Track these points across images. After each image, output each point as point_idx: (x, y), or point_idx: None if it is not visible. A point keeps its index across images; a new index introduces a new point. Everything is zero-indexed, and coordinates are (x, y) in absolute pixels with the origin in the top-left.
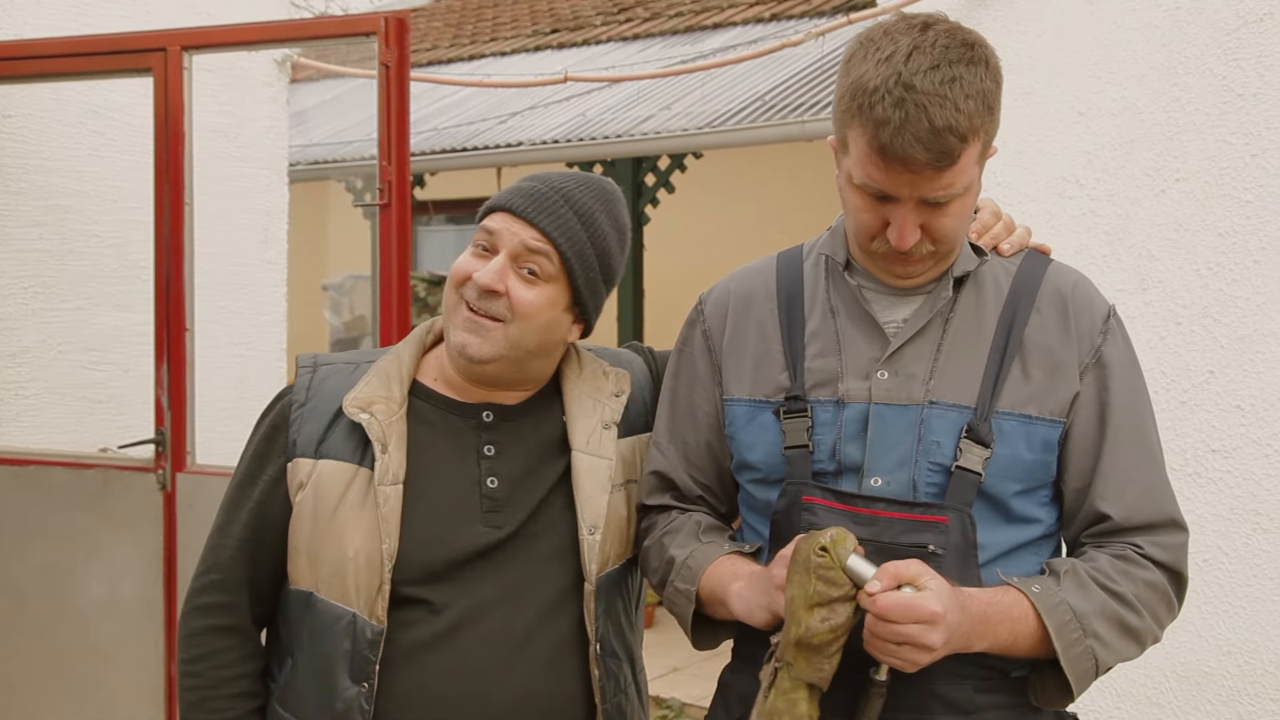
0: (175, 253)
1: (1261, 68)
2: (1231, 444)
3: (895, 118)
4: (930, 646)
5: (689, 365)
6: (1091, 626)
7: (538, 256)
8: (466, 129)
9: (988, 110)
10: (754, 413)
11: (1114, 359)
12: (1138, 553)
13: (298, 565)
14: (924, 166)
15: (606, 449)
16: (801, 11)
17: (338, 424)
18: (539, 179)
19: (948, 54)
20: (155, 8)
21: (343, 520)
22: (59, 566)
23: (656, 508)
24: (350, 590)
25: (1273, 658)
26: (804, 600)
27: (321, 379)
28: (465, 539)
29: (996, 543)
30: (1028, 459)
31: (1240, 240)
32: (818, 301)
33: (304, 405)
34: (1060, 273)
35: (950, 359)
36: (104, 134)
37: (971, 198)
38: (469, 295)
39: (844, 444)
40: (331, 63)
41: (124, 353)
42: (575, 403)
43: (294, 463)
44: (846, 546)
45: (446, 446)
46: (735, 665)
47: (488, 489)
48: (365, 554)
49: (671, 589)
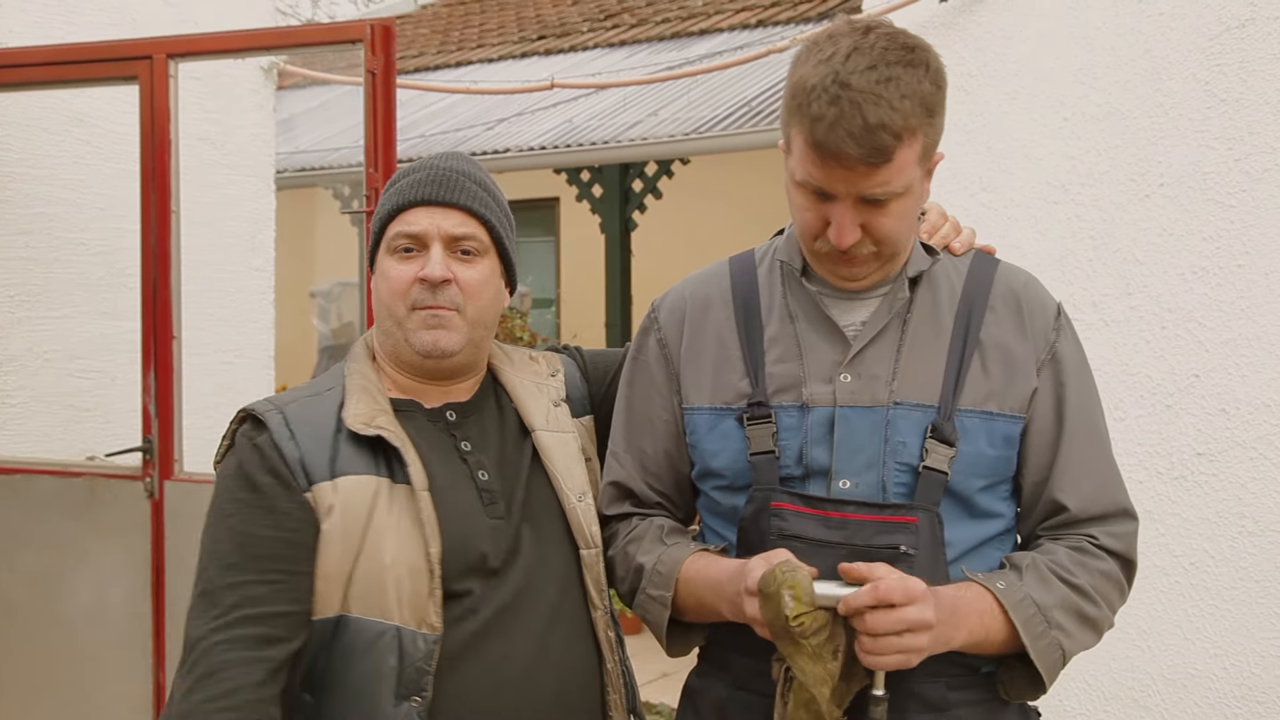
0: (162, 260)
1: (1244, 73)
2: (1217, 447)
3: (830, 114)
4: (928, 623)
5: (644, 373)
6: (1055, 619)
7: (469, 235)
8: (453, 136)
9: (925, 112)
10: (716, 420)
11: (1067, 355)
12: (1093, 543)
13: (323, 593)
14: (857, 162)
15: (565, 424)
16: (787, 18)
17: (340, 444)
18: (421, 168)
19: (886, 55)
20: (141, 16)
21: (377, 530)
22: (47, 575)
23: (616, 517)
24: (391, 603)
25: (1259, 660)
26: (812, 661)
27: (295, 413)
28: (484, 532)
29: (963, 539)
30: (990, 455)
31: (1224, 245)
32: (775, 307)
33: (292, 438)
34: (1011, 272)
35: (911, 359)
36: (90, 142)
37: (913, 200)
38: (419, 297)
39: (810, 448)
40: (318, 70)
41: (111, 360)
42: (519, 388)
43: (314, 490)
44: (808, 589)
45: (433, 449)
46: (701, 670)
47: (482, 482)
48: (406, 562)
49: (643, 596)
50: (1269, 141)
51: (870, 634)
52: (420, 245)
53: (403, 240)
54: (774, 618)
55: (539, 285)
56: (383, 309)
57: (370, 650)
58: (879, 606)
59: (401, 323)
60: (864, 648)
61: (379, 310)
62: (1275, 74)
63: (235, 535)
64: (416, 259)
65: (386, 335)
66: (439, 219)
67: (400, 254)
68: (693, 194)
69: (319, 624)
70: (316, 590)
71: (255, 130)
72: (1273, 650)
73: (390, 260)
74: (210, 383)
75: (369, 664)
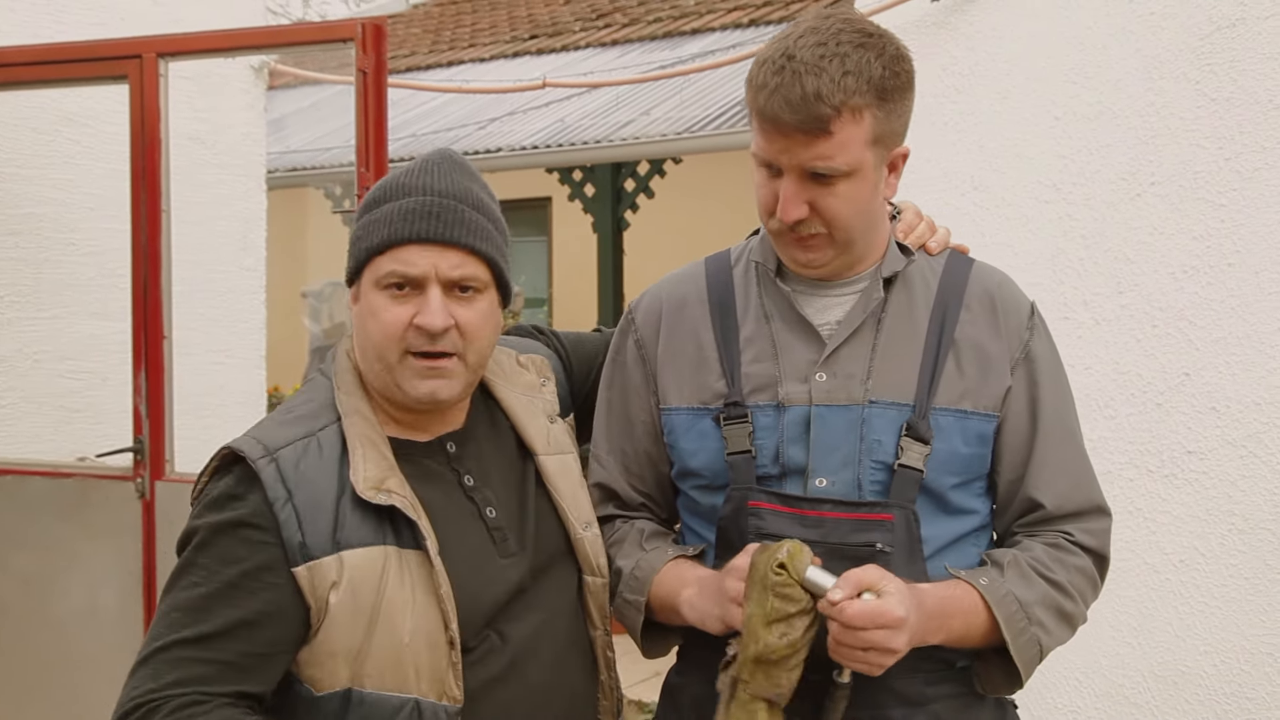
0: (153, 260)
1: (1234, 72)
2: (1207, 445)
3: (772, 83)
4: (895, 650)
5: (623, 375)
6: (1035, 615)
7: (470, 276)
8: (445, 135)
9: (874, 93)
10: (693, 420)
11: (1041, 354)
12: (1069, 540)
13: (330, 669)
14: (793, 130)
15: (565, 444)
16: (779, 17)
17: (344, 509)
18: (414, 191)
19: (839, 36)
20: (130, 15)
21: (391, 604)
22: (37, 576)
23: (601, 519)
24: (409, 675)
25: (1249, 657)
26: (762, 618)
27: (292, 465)
28: (497, 578)
29: (938, 536)
30: (964, 453)
31: (1215, 244)
32: (750, 307)
33: (290, 500)
34: (985, 272)
35: (886, 358)
36: (80, 141)
37: (864, 184)
38: (415, 343)
39: (787, 447)
40: (309, 69)
41: (102, 361)
42: (515, 404)
43: (310, 566)
44: (804, 560)
45: (436, 494)
46: (680, 668)
47: (491, 521)
48: (424, 635)
49: (620, 600)
50: (1259, 140)
51: (836, 639)
52: (415, 286)
53: (393, 277)
54: (762, 557)
55: (531, 285)
56: (372, 350)
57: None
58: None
59: (393, 369)
60: (832, 645)
61: (366, 349)
62: (1265, 73)
63: (199, 606)
64: (410, 300)
65: (376, 376)
66: (437, 259)
67: (392, 291)
68: (685, 193)
69: (323, 699)
70: (323, 666)
71: (246, 130)
72: (1262, 647)
73: (380, 298)
74: (201, 383)
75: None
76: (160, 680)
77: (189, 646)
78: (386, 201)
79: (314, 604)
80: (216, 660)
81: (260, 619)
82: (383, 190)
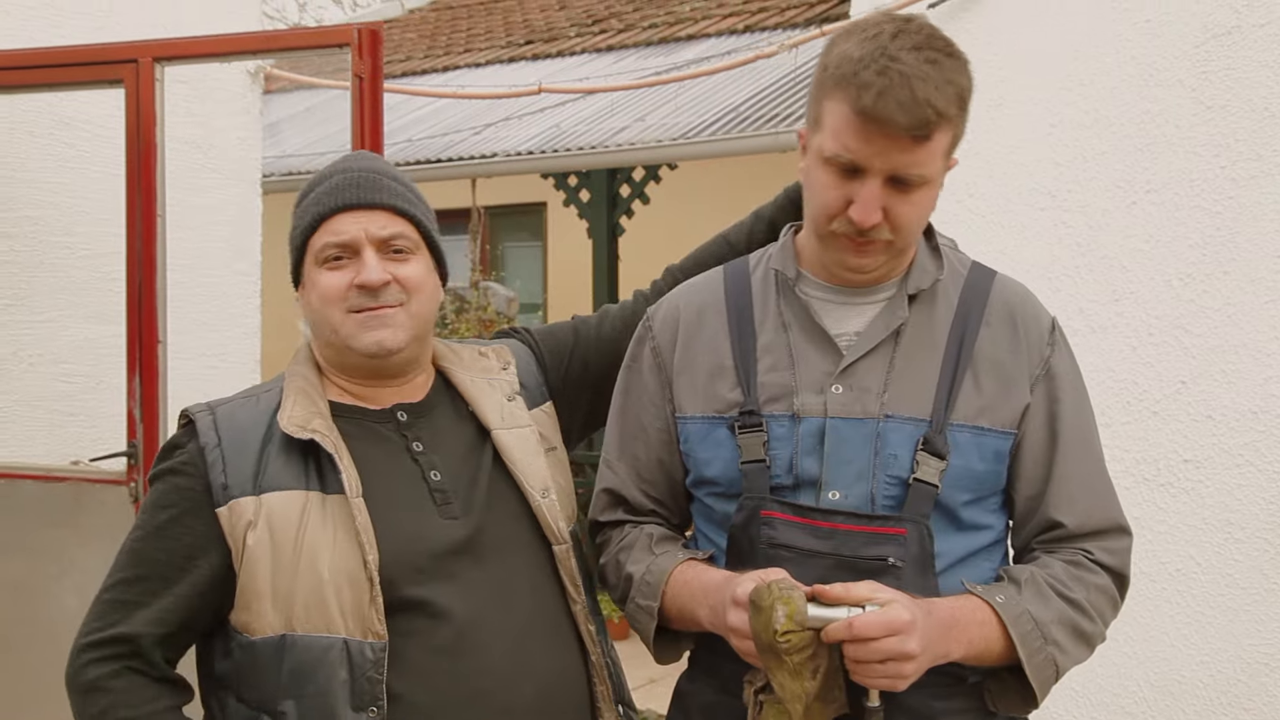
0: (147, 264)
1: (1230, 80)
2: (1203, 454)
3: (879, 83)
4: (910, 654)
5: (638, 382)
6: (1052, 634)
7: (398, 234)
8: (441, 140)
9: (960, 105)
10: (709, 429)
11: (1062, 370)
12: (1088, 558)
13: (258, 612)
14: (901, 133)
15: (521, 418)
16: (775, 24)
17: (269, 454)
18: (334, 173)
19: (931, 42)
20: (126, 19)
21: (309, 546)
22: (30, 582)
23: (610, 523)
24: (335, 615)
25: (1245, 666)
26: (788, 675)
27: (227, 416)
28: (435, 534)
29: (951, 551)
30: (980, 469)
31: (1211, 251)
32: (769, 315)
33: (219, 445)
34: (1007, 286)
35: (904, 372)
36: (75, 145)
37: (934, 193)
38: (356, 302)
39: (801, 458)
40: (305, 74)
41: (96, 365)
42: (471, 387)
43: (231, 506)
44: (801, 608)
45: (379, 452)
46: (691, 674)
47: (434, 482)
48: (345, 573)
49: (632, 605)
50: (1255, 148)
51: (853, 660)
52: (350, 252)
53: (331, 250)
54: (762, 630)
55: (526, 290)
56: (319, 319)
57: (320, 665)
58: (857, 640)
59: (339, 328)
60: (851, 670)
61: (316, 322)
62: (1261, 81)
63: (136, 550)
64: (348, 266)
65: (328, 345)
66: (365, 222)
67: (331, 263)
68: (680, 199)
69: (260, 644)
70: (250, 609)
71: (242, 134)
72: (1258, 657)
73: (320, 271)
74: (196, 388)
75: (322, 679)
76: (102, 621)
77: (123, 588)
78: (311, 191)
79: (233, 545)
80: (142, 602)
81: (183, 562)
82: (307, 185)
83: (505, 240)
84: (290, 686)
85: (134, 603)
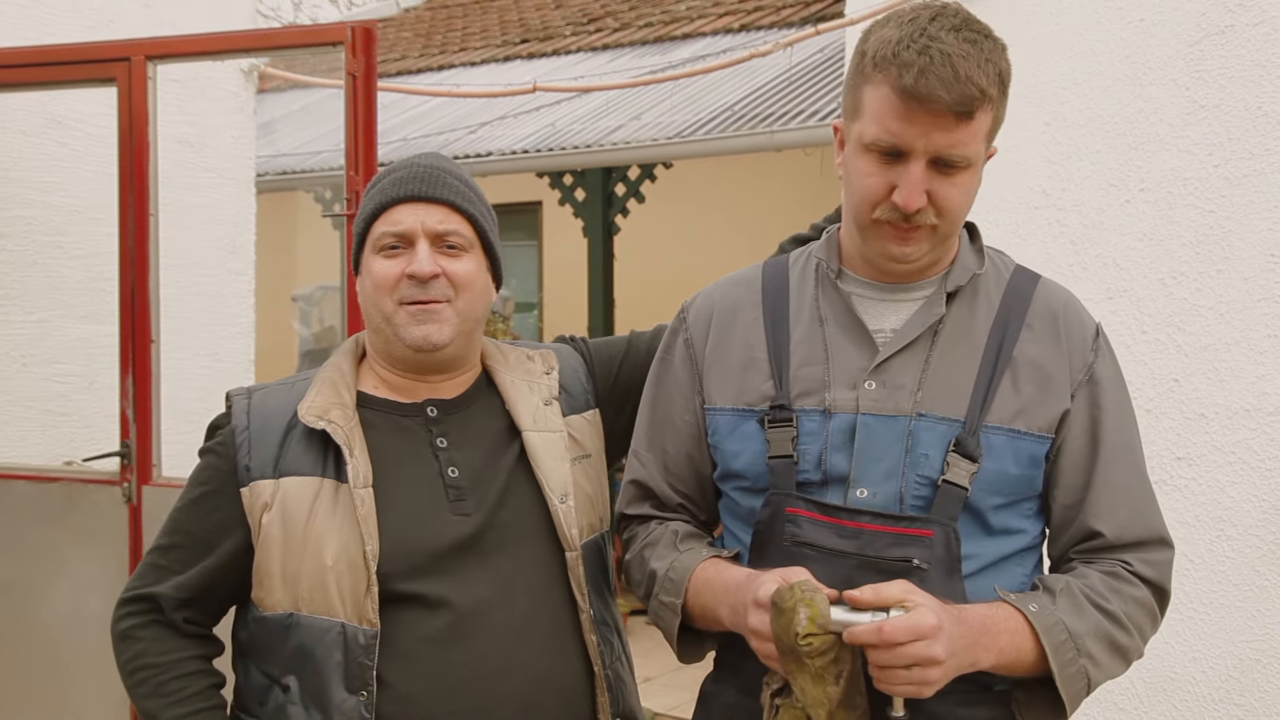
0: (140, 264)
1: (1223, 79)
2: (1196, 451)
3: (920, 62)
4: (936, 659)
5: (670, 373)
6: (1086, 647)
7: (453, 231)
8: (435, 139)
9: (1001, 87)
10: (738, 422)
11: (1105, 377)
12: (1127, 570)
13: (270, 589)
14: (945, 111)
15: (554, 423)
16: (770, 22)
17: (291, 440)
18: (402, 167)
19: (970, 24)
20: (119, 18)
21: (317, 531)
22: (23, 582)
23: (637, 518)
24: (335, 600)
25: (1237, 663)
26: (811, 680)
27: (260, 401)
28: (441, 530)
29: (979, 555)
30: (1014, 473)
31: (1204, 250)
32: (804, 309)
33: (248, 429)
34: (1051, 290)
35: (939, 371)
36: (68, 144)
37: (976, 179)
38: (407, 293)
39: (830, 454)
40: (299, 73)
41: (89, 365)
42: (511, 388)
43: (251, 487)
44: (824, 612)
45: (401, 445)
46: (717, 675)
47: (450, 479)
48: (347, 560)
49: (656, 603)
50: (1248, 147)
51: (877, 665)
52: (406, 243)
53: (388, 239)
54: (784, 633)
55: (522, 289)
56: (371, 306)
57: (319, 646)
58: (884, 645)
59: (390, 318)
60: (875, 676)
61: (367, 308)
62: (1254, 80)
63: (174, 519)
64: (402, 255)
65: (377, 332)
66: (423, 215)
67: (386, 251)
68: (675, 198)
69: (272, 619)
70: (263, 585)
71: (235, 133)
72: (1250, 654)
73: (376, 259)
74: (189, 387)
75: (321, 659)
76: (141, 579)
77: (161, 554)
78: (378, 183)
79: (252, 524)
80: (172, 569)
81: (211, 536)
82: (376, 175)
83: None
84: (294, 663)
85: (166, 568)
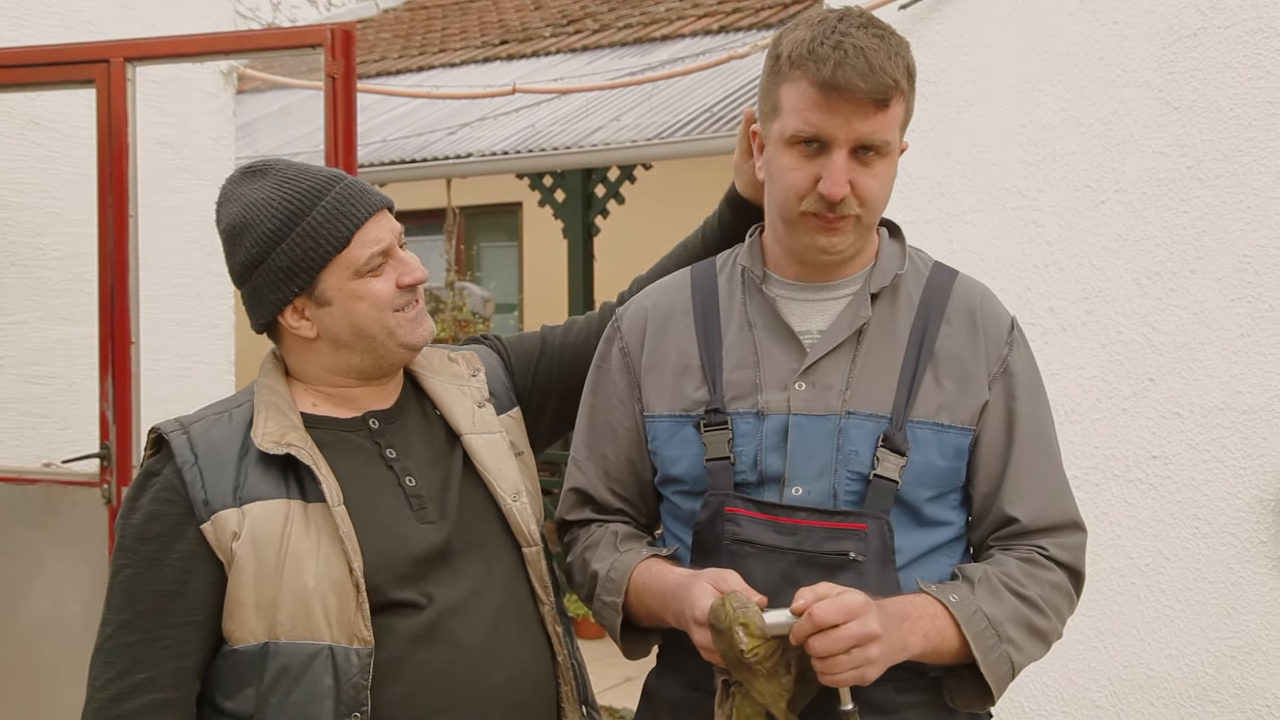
0: (120, 265)
1: (1196, 81)
2: (1171, 450)
3: (835, 56)
4: (873, 634)
5: (607, 381)
6: (1006, 632)
7: (400, 233)
8: (415, 140)
9: (909, 79)
10: (675, 427)
11: (1019, 368)
12: (1042, 555)
13: (241, 620)
14: (863, 99)
15: (491, 424)
16: (749, 24)
17: (246, 467)
18: (325, 190)
19: (875, 22)
20: (97, 19)
21: (294, 554)
22: (2, 584)
23: (577, 522)
24: (320, 622)
25: (1213, 660)
26: (768, 681)
27: (201, 433)
28: (413, 539)
29: (912, 546)
30: (940, 466)
31: (1178, 250)
32: (734, 314)
33: (196, 462)
34: (967, 285)
35: (866, 369)
36: (46, 145)
37: (893, 166)
38: (399, 301)
39: (765, 455)
40: (278, 74)
41: (68, 366)
42: (442, 393)
43: (214, 520)
44: (759, 623)
45: (355, 461)
46: (660, 670)
47: (410, 488)
48: (330, 580)
49: (598, 603)
50: (1221, 149)
51: (820, 657)
52: (384, 257)
53: (376, 259)
54: (727, 650)
55: (502, 290)
56: (369, 328)
57: (305, 673)
58: (820, 630)
59: (394, 331)
60: (819, 670)
61: (363, 328)
62: (1227, 82)
63: (127, 588)
64: (385, 270)
65: (368, 350)
66: (386, 225)
67: (374, 272)
68: (655, 199)
69: (243, 651)
70: (234, 617)
71: (214, 134)
72: (1226, 650)
73: (363, 282)
74: (169, 388)
75: (306, 687)
76: (114, 670)
77: (127, 630)
78: (306, 216)
79: (223, 557)
80: (153, 639)
81: (180, 587)
82: (289, 215)
83: (480, 240)
84: (274, 695)
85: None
